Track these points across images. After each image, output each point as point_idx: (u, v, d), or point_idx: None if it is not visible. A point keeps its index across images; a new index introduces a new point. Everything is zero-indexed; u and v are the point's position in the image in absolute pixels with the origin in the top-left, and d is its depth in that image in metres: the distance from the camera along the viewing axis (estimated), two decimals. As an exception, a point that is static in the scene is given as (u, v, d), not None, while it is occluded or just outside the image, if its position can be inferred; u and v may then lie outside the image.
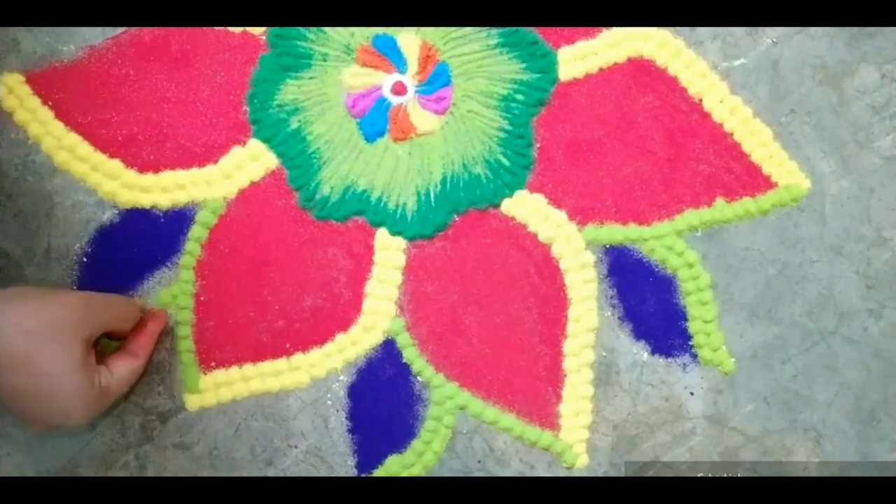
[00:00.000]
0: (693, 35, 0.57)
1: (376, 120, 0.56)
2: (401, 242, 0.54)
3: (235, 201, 0.55)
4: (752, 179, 0.55)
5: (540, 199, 0.55)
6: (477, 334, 0.54)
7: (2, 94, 0.55)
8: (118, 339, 0.51)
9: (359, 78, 0.56)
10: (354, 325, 0.54)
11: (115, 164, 0.54)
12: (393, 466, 0.52)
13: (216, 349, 0.53)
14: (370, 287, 0.54)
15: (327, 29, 0.56)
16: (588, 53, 0.56)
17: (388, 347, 0.54)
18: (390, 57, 0.56)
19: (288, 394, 0.53)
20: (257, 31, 0.56)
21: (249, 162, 0.55)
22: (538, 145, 0.56)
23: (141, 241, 0.54)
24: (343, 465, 0.53)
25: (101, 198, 0.54)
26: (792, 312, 0.54)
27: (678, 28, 0.57)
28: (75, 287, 0.53)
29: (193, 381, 0.53)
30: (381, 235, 0.54)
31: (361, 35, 0.56)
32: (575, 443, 0.53)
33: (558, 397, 0.53)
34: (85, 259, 0.54)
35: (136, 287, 0.54)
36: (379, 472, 0.52)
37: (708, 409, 0.53)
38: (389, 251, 0.54)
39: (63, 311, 0.45)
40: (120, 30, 0.56)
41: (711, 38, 0.57)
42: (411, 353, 0.53)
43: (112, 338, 0.51)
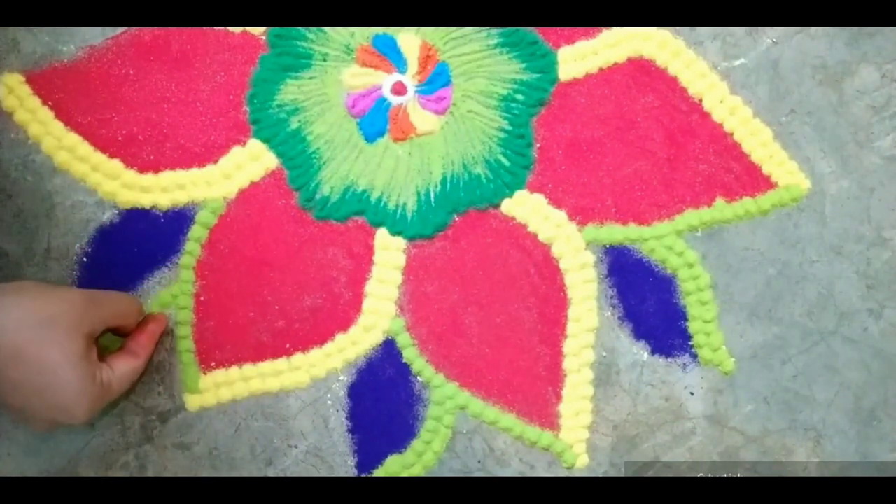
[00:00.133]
0: (693, 35, 0.57)
1: (376, 120, 0.56)
2: (401, 242, 0.54)
3: (235, 201, 0.55)
4: (752, 179, 0.55)
5: (540, 199, 0.55)
6: (477, 334, 0.54)
7: (2, 94, 0.55)
8: (122, 335, 0.51)
9: (359, 78, 0.56)
10: (354, 325, 0.54)
11: (115, 164, 0.54)
12: (393, 466, 0.52)
13: (216, 349, 0.53)
14: (370, 287, 0.54)
15: (327, 29, 0.56)
16: (588, 53, 0.56)
17: (388, 347, 0.54)
18: (390, 57, 0.56)
19: (288, 394, 0.53)
20: (257, 31, 0.56)
21: (249, 162, 0.55)
22: (538, 145, 0.56)
23: (141, 241, 0.54)
24: (343, 465, 0.53)
25: (101, 198, 0.54)
26: (792, 312, 0.54)
27: (678, 28, 0.57)
28: (75, 287, 0.53)
29: (193, 381, 0.53)
30: (381, 235, 0.54)
31: (361, 35, 0.56)
32: (575, 443, 0.53)
33: (558, 397, 0.53)
34: (85, 259, 0.54)
35: (136, 287, 0.54)
36: (379, 472, 0.52)
37: (708, 409, 0.53)
38: (389, 251, 0.54)
39: (65, 306, 0.45)
40: (120, 30, 0.56)
41: (711, 38, 0.57)
42: (411, 353, 0.53)
43: (116, 334, 0.51)
